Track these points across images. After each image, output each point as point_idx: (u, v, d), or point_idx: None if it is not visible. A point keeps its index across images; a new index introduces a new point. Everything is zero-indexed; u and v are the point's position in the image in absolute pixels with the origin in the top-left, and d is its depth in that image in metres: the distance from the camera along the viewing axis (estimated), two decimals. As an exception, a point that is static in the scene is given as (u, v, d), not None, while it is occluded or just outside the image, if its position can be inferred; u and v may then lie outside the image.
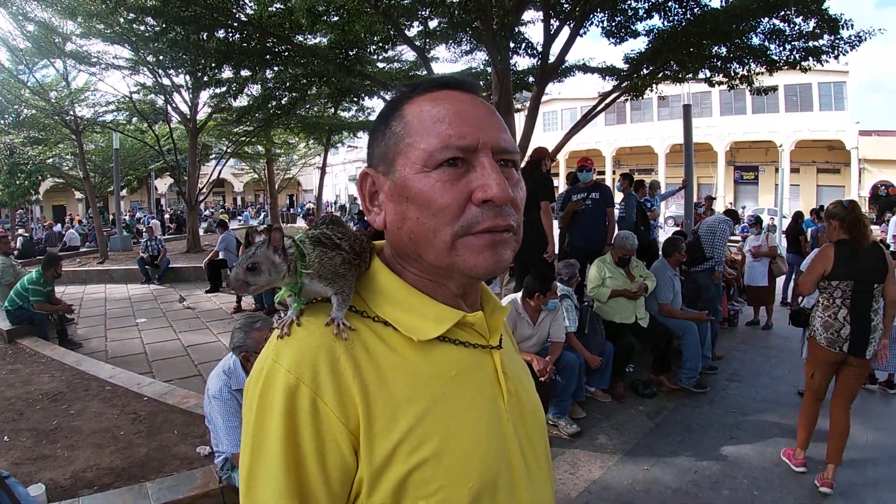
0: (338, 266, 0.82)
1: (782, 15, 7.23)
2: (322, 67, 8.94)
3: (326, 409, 0.73)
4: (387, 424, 0.75)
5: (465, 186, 0.76)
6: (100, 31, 11.41)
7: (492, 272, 0.78)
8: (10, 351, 6.89)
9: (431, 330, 0.81)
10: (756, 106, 32.39)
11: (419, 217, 0.78)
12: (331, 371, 0.75)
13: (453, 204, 0.76)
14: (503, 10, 7.10)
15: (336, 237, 0.85)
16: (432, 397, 0.78)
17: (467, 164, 0.77)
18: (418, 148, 0.78)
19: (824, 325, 3.87)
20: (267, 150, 23.21)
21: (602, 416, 5.01)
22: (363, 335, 0.80)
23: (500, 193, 0.75)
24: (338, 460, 0.74)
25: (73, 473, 3.80)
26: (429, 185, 0.77)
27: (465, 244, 0.77)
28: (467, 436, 0.78)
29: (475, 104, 0.81)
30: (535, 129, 8.41)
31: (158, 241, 13.28)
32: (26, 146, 17.12)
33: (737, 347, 7.13)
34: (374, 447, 0.74)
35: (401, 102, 0.83)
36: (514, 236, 0.80)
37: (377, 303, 0.84)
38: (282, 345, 0.78)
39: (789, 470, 4.06)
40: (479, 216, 0.76)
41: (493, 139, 0.79)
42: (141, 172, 27.63)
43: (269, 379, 0.75)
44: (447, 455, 0.76)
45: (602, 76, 10.03)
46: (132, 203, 42.35)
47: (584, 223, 6.78)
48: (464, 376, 0.82)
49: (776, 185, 26.77)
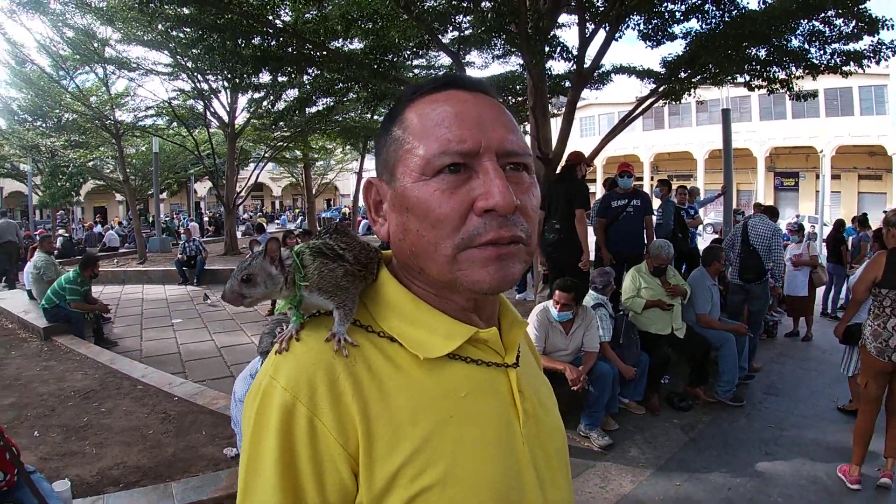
0: (339, 278, 0.77)
1: (822, 17, 7.02)
2: (357, 73, 8.97)
3: (324, 430, 0.69)
4: (388, 448, 0.70)
5: (466, 195, 0.71)
6: (139, 37, 11.68)
7: (497, 288, 0.73)
8: (45, 348, 7.05)
9: (441, 347, 0.76)
10: (796, 111, 31.73)
11: (419, 229, 0.73)
12: (329, 390, 0.70)
13: (453, 214, 0.70)
14: (538, 13, 7.02)
15: (339, 247, 0.81)
16: (438, 419, 0.73)
17: (469, 169, 0.71)
18: (417, 154, 0.73)
19: (874, 333, 3.80)
20: (304, 155, 23.48)
21: (635, 428, 4.89)
22: (366, 352, 0.75)
23: (503, 202, 0.69)
24: (336, 483, 0.69)
25: (100, 471, 3.85)
26: (427, 194, 0.71)
27: (468, 258, 0.71)
28: (476, 461, 0.73)
29: (479, 103, 0.75)
30: (573, 135, 8.31)
31: (197, 242, 13.48)
32: (67, 149, 17.54)
33: (775, 359, 6.93)
34: (375, 471, 0.69)
35: (402, 106, 0.78)
36: (526, 248, 0.74)
37: (384, 316, 0.79)
38: (280, 361, 0.75)
39: (826, 488, 3.93)
40: (482, 227, 0.70)
41: (497, 141, 0.72)
42: (181, 176, 28.13)
43: (265, 397, 0.72)
44: (453, 482, 0.71)
45: (639, 79, 9.88)
46: (172, 206, 43.26)
47: (623, 231, 6.64)
48: (474, 397, 0.77)
49: (817, 192, 26.21)
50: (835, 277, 9.37)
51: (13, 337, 7.71)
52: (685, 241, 7.87)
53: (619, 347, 5.12)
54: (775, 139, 33.59)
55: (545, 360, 4.50)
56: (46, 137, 17.54)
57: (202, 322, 9.04)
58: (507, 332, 0.85)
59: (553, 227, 6.14)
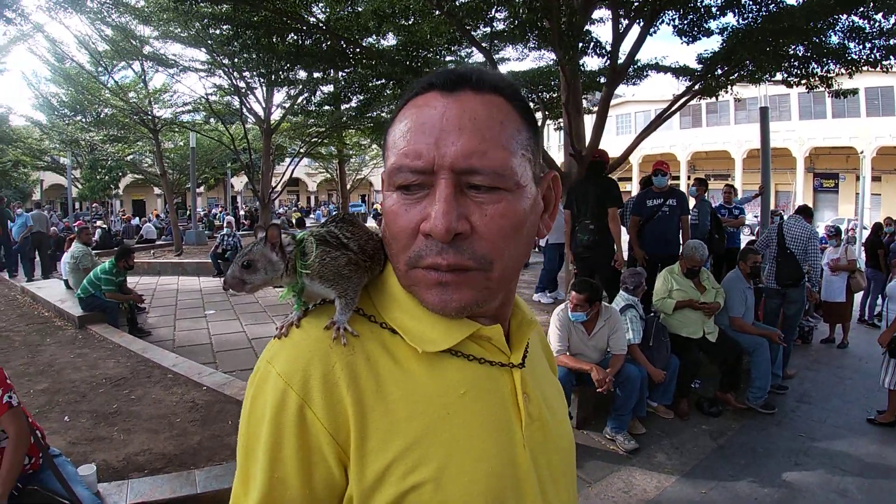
0: (341, 267, 0.76)
1: (861, 11, 6.80)
2: (389, 69, 9.01)
3: (314, 420, 0.68)
4: (381, 442, 0.69)
5: (417, 214, 0.69)
6: (176, 34, 11.88)
7: (442, 312, 0.72)
8: (80, 336, 7.20)
9: (440, 341, 0.74)
10: (837, 110, 30.81)
11: (387, 236, 0.74)
12: (322, 379, 0.69)
13: (404, 231, 0.70)
14: (571, 9, 6.95)
15: (344, 236, 0.79)
16: (434, 416, 0.71)
17: (426, 186, 0.69)
18: (387, 166, 0.73)
19: None
20: (339, 151, 23.65)
21: (662, 433, 4.81)
22: (366, 343, 0.74)
23: (438, 228, 0.66)
24: (324, 476, 0.68)
25: (126, 456, 3.91)
26: (389, 206, 0.72)
27: (415, 277, 0.71)
28: (471, 461, 0.71)
29: (448, 109, 0.69)
30: (609, 132, 8.22)
31: (235, 236, 13.66)
32: (106, 144, 17.96)
33: (809, 366, 6.76)
34: (366, 465, 0.68)
35: (397, 110, 0.76)
36: (484, 274, 0.70)
37: (386, 307, 0.78)
38: (278, 346, 0.74)
39: (856, 501, 3.80)
40: (424, 250, 0.69)
41: (453, 156, 0.67)
42: (218, 171, 28.59)
43: (261, 381, 0.72)
44: (446, 481, 0.69)
45: (675, 76, 9.72)
46: (209, 200, 43.98)
47: (658, 230, 6.52)
48: (473, 396, 0.75)
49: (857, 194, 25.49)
50: (873, 283, 9.11)
51: (49, 325, 7.90)
52: (721, 243, 7.69)
53: (648, 350, 5.03)
54: (815, 139, 32.69)
55: (570, 360, 4.46)
56: (86, 132, 18.00)
57: (234, 314, 9.15)
58: (514, 332, 0.84)
59: (587, 227, 6.05)
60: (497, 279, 0.72)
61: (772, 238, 6.47)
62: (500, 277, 0.72)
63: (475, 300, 0.71)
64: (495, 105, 0.71)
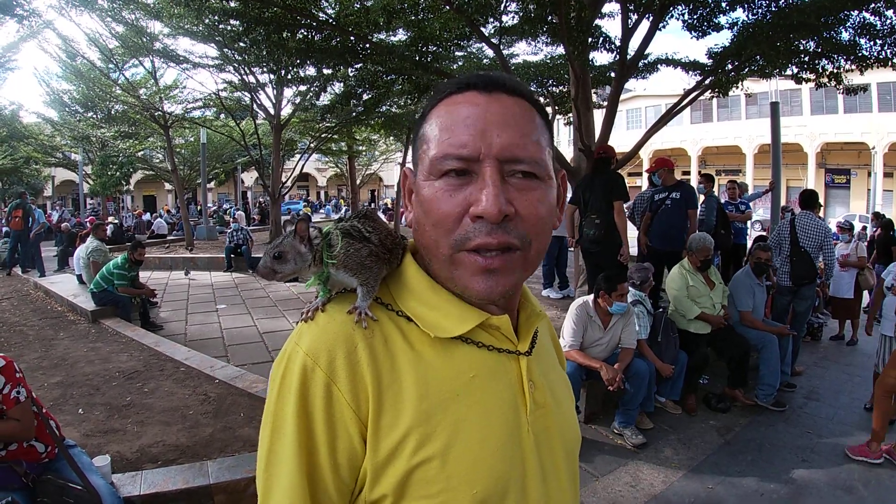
0: (364, 258, 0.83)
1: (873, 7, 6.75)
2: (399, 65, 9.01)
3: (339, 395, 0.74)
4: (393, 419, 0.74)
5: (464, 199, 0.74)
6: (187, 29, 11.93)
7: (486, 298, 0.78)
8: (93, 330, 7.28)
9: (452, 328, 0.79)
10: (848, 105, 30.51)
11: (425, 224, 0.78)
12: (347, 358, 0.75)
13: (450, 216, 0.75)
14: (580, 4, 6.94)
15: (366, 231, 0.85)
16: (444, 397, 0.76)
17: (471, 174, 0.75)
18: (428, 155, 0.77)
19: None
20: (349, 147, 23.71)
21: (670, 428, 4.81)
22: (385, 327, 0.80)
23: (491, 209, 0.71)
24: (347, 447, 0.74)
25: (140, 448, 3.95)
26: (431, 193, 0.76)
27: (461, 261, 0.76)
28: (477, 440, 0.76)
29: (490, 106, 0.76)
30: (619, 127, 8.21)
31: (245, 230, 13.72)
32: (117, 140, 18.10)
33: (818, 363, 6.73)
34: (380, 440, 0.74)
35: (431, 104, 0.82)
36: (523, 255, 0.76)
37: (403, 297, 0.84)
38: (305, 329, 0.80)
39: (863, 499, 3.80)
40: (472, 232, 0.74)
41: (499, 147, 0.74)
42: (228, 166, 28.72)
43: (290, 361, 0.77)
44: (452, 457, 0.74)
45: (685, 71, 9.67)
46: (219, 195, 44.19)
47: (663, 225, 6.51)
48: (482, 380, 0.80)
49: (868, 190, 25.25)
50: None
51: (62, 319, 7.99)
52: (727, 238, 7.65)
53: (656, 345, 5.04)
54: (827, 134, 32.38)
55: (582, 357, 4.47)
56: (97, 128, 18.17)
57: (246, 308, 9.22)
58: (523, 322, 0.89)
59: (593, 221, 6.04)
60: (533, 259, 0.78)
61: (784, 235, 6.27)
62: (535, 258, 0.79)
63: (515, 284, 0.78)
64: (525, 107, 0.79)
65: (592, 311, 4.60)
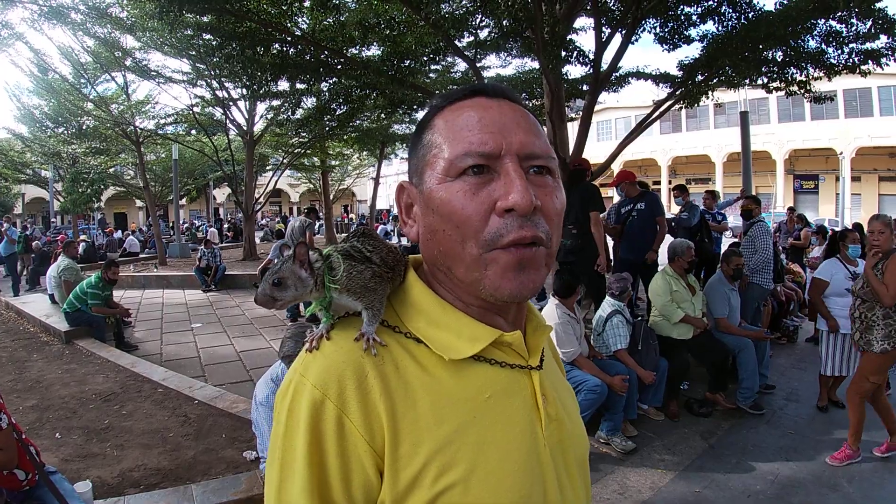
0: (367, 280, 0.80)
1: (838, 16, 6.96)
2: (374, 79, 9.03)
3: (352, 428, 0.71)
4: (412, 448, 0.71)
5: (487, 196, 0.73)
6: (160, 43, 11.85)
7: (518, 296, 0.75)
8: (67, 351, 7.17)
9: (465, 349, 0.77)
10: (815, 112, 31.27)
11: (445, 229, 0.75)
12: (357, 388, 0.72)
13: (476, 215, 0.73)
14: (553, 18, 7.03)
15: (367, 250, 0.83)
16: (462, 420, 0.74)
17: (491, 171, 0.74)
18: (442, 157, 0.76)
19: (887, 335, 4.08)
20: (322, 162, 23.65)
21: (654, 434, 4.85)
22: (394, 352, 0.77)
23: (522, 201, 0.71)
24: (362, 481, 0.71)
25: (121, 472, 3.90)
26: (450, 194, 0.74)
27: (493, 259, 0.73)
28: (498, 462, 0.74)
29: (502, 109, 0.77)
30: (590, 139, 8.31)
31: (215, 252, 13.53)
32: (88, 156, 17.86)
33: (796, 365, 6.82)
34: (399, 470, 0.71)
35: (433, 114, 0.82)
36: (547, 250, 0.76)
37: (410, 318, 0.81)
38: (310, 359, 0.76)
39: (848, 496, 3.87)
40: (504, 227, 0.72)
41: (518, 144, 0.75)
42: (200, 182, 28.43)
43: (296, 394, 0.74)
44: (475, 482, 0.72)
45: (656, 83, 9.84)
46: (191, 212, 43.67)
47: (632, 236, 6.61)
48: (498, 399, 0.78)
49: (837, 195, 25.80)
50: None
51: (35, 340, 7.85)
52: (711, 246, 7.79)
53: (637, 353, 5.07)
54: (794, 141, 33.13)
55: (594, 370, 4.54)
56: (68, 144, 17.89)
57: (221, 326, 9.10)
58: (531, 336, 0.87)
59: (569, 231, 6.11)
60: (552, 255, 0.78)
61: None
62: (553, 254, 0.78)
63: (542, 280, 0.77)
64: (527, 113, 0.80)
65: (567, 308, 4.69)
